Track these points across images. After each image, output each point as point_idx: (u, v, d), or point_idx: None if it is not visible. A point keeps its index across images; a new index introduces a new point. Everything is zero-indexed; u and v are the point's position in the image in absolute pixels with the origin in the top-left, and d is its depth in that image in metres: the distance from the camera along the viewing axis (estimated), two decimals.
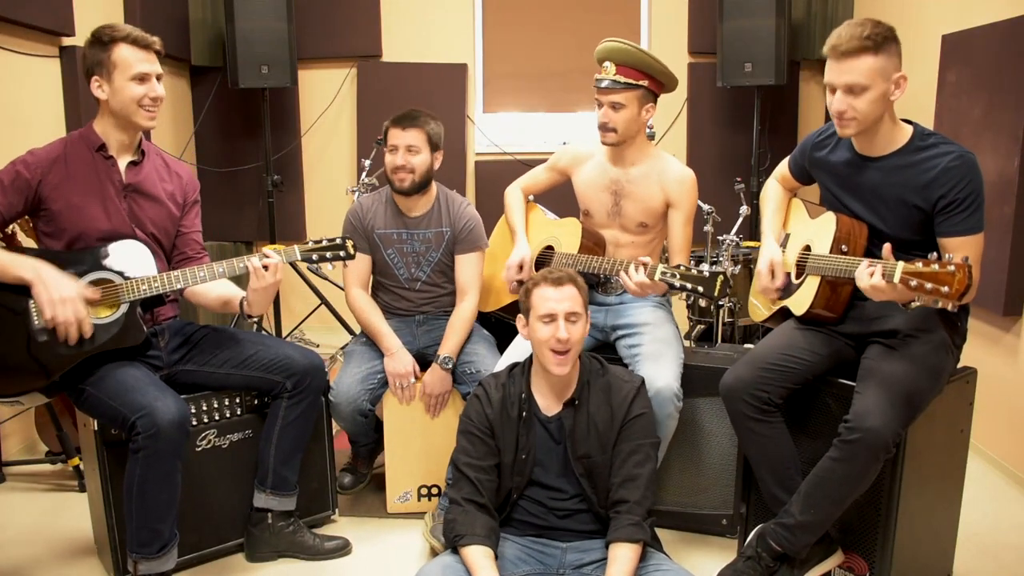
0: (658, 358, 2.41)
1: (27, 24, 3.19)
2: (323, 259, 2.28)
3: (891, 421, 1.89)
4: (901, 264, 1.74)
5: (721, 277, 2.09)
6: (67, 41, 3.48)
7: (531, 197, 2.94)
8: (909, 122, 2.06)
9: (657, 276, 2.17)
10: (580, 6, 4.87)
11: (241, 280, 2.30)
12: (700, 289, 2.10)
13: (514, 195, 2.88)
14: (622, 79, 2.48)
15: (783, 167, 2.42)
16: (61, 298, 2.05)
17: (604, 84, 2.50)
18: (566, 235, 2.67)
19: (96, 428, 2.20)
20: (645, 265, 2.25)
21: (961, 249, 1.94)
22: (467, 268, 2.79)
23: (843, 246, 2.08)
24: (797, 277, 2.23)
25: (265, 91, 4.45)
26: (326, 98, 4.85)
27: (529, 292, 2.11)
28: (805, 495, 2.02)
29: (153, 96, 2.19)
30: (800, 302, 2.17)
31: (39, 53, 3.34)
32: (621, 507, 2.01)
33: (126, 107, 2.18)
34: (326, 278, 4.47)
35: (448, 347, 2.69)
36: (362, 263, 2.78)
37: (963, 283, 1.64)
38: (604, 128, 2.53)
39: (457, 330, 2.72)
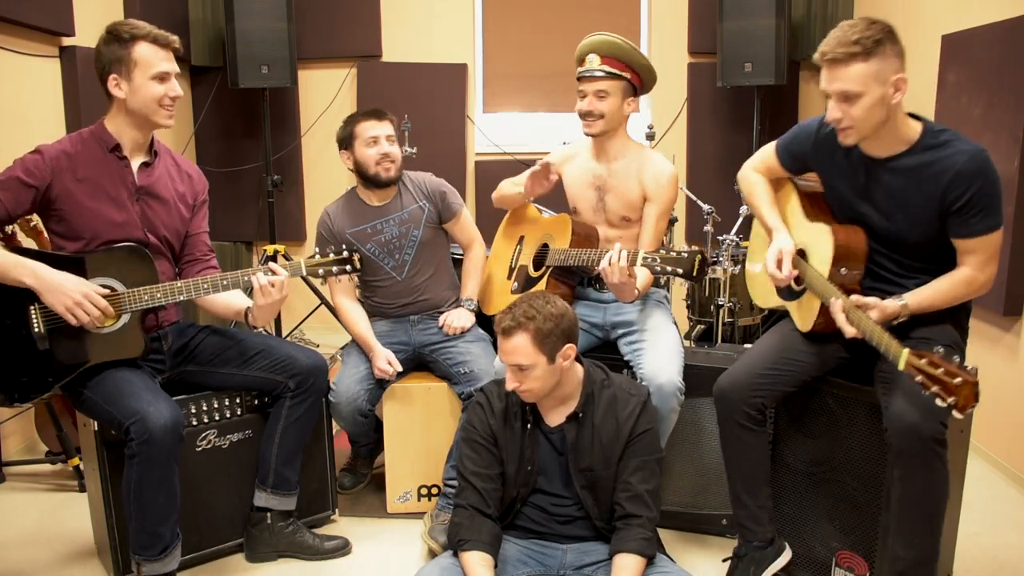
0: (660, 354, 2.42)
1: (27, 24, 3.19)
2: (329, 273, 2.29)
3: (929, 415, 1.81)
4: (906, 353, 1.67)
5: (699, 256, 2.08)
6: (67, 41, 3.48)
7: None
8: (918, 117, 1.98)
9: (639, 261, 2.18)
10: (580, 6, 4.87)
11: (247, 289, 2.28)
12: (680, 271, 2.11)
13: (503, 183, 2.90)
14: (607, 68, 2.52)
15: (767, 156, 2.28)
16: (75, 302, 2.03)
17: (589, 72, 2.53)
18: (558, 231, 2.68)
19: (96, 428, 2.20)
20: (628, 252, 2.25)
21: (978, 249, 1.91)
22: (463, 228, 2.90)
23: (842, 268, 2.01)
24: (796, 283, 2.16)
25: (265, 91, 4.45)
26: (326, 98, 4.85)
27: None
28: (898, 531, 1.92)
29: (173, 95, 2.19)
30: (803, 319, 2.13)
31: (39, 53, 3.34)
32: (632, 520, 1.99)
33: (146, 106, 2.16)
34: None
35: (468, 290, 2.88)
36: None
37: (969, 400, 1.56)
38: (589, 116, 2.54)
39: (472, 273, 2.90)
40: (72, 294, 2.03)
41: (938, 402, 1.58)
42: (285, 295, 2.23)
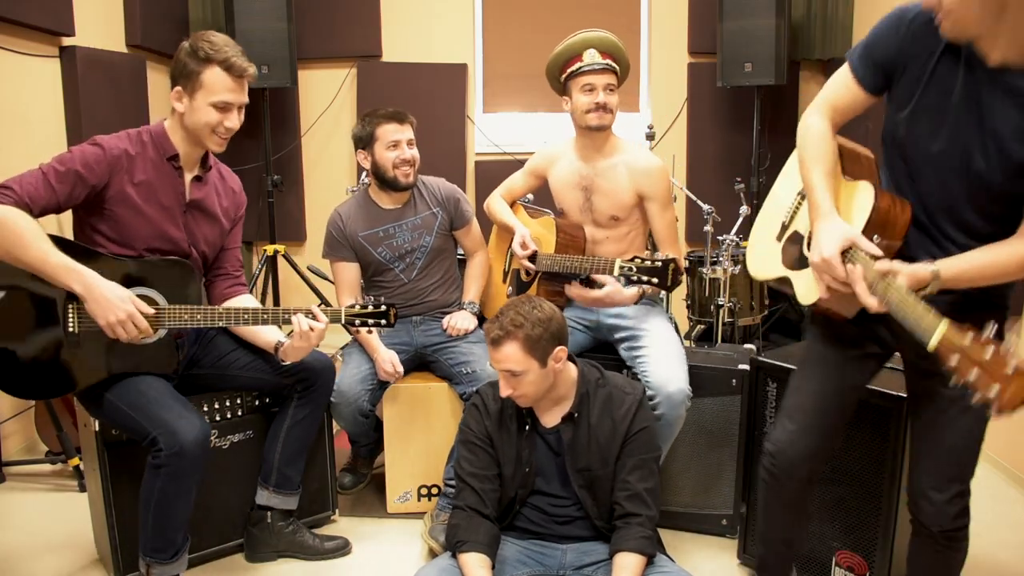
0: (666, 360, 2.40)
1: (27, 24, 3.20)
2: (364, 324, 2.23)
3: (947, 505, 1.66)
4: (945, 324, 1.29)
5: (672, 266, 2.09)
6: (67, 41, 3.48)
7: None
8: None
9: (616, 271, 2.19)
10: (580, 6, 4.87)
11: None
12: (655, 280, 2.11)
13: (496, 201, 2.89)
14: (610, 62, 2.54)
15: (836, 83, 1.76)
16: (119, 320, 1.97)
17: (592, 67, 2.52)
18: (545, 233, 2.67)
19: (96, 428, 2.20)
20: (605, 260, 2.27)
21: None
22: (472, 237, 2.93)
23: (875, 236, 1.60)
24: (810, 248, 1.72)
25: (265, 91, 4.45)
26: (326, 98, 4.85)
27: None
28: None
29: (228, 126, 2.13)
30: (807, 291, 1.77)
31: (39, 53, 3.34)
32: (632, 519, 1.99)
33: (199, 129, 2.13)
34: (326, 277, 4.47)
35: (471, 294, 2.89)
36: (350, 272, 2.80)
37: (1018, 399, 1.17)
38: (604, 109, 2.52)
39: (475, 277, 2.91)
40: (117, 311, 1.97)
41: (977, 395, 1.23)
42: (322, 339, 2.22)
